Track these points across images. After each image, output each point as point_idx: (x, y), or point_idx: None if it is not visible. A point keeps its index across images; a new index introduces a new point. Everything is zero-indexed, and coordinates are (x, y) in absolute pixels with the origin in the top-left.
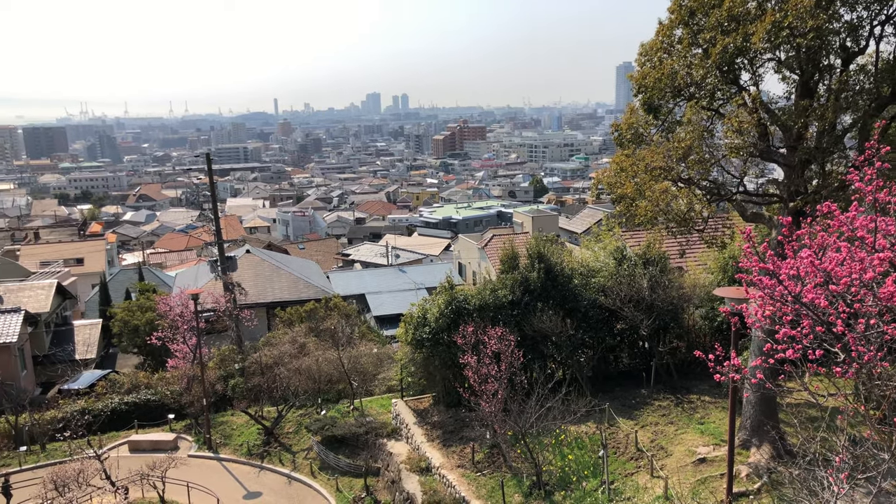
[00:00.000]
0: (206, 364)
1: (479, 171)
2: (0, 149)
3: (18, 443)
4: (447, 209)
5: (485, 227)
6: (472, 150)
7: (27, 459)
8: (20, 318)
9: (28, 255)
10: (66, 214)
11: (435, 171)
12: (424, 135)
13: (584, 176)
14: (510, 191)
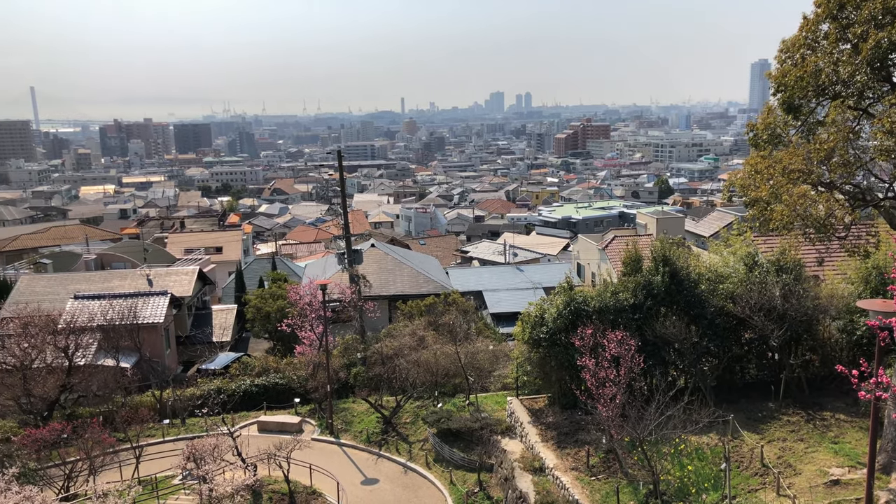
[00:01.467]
0: (330, 352)
1: (602, 170)
2: (154, 144)
3: (162, 416)
4: (567, 208)
5: (605, 228)
6: (595, 149)
7: (169, 432)
8: (166, 300)
9: (174, 243)
10: (207, 206)
11: (556, 170)
12: (546, 133)
13: (713, 177)
14: (633, 191)
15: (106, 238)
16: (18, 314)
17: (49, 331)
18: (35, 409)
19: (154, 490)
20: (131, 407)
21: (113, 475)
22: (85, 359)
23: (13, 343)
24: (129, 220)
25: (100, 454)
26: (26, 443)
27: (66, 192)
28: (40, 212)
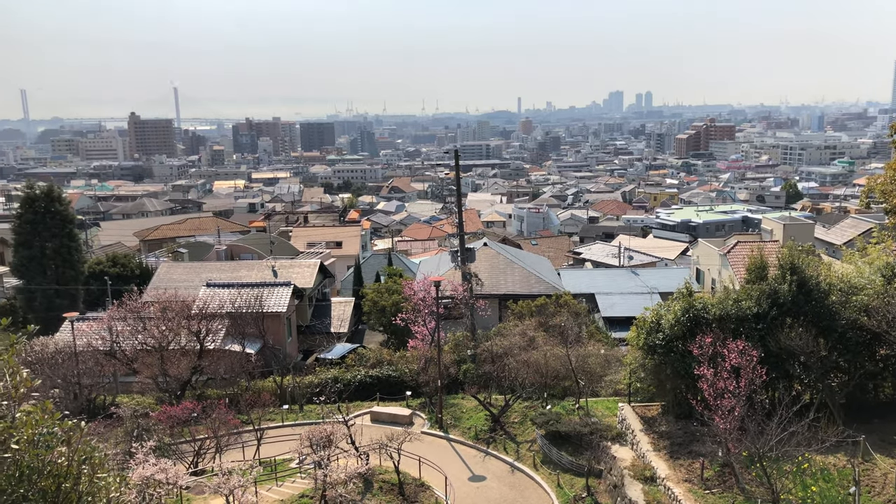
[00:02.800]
0: (442, 347)
1: (725, 172)
2: (281, 142)
3: (282, 401)
4: (686, 211)
5: (727, 233)
6: (718, 151)
7: (288, 417)
8: (290, 291)
9: (298, 236)
10: (329, 202)
11: (675, 171)
12: (667, 133)
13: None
14: (758, 195)
15: (236, 230)
16: (158, 299)
17: (184, 315)
18: (170, 388)
19: (273, 471)
20: (254, 391)
21: (236, 455)
22: (214, 343)
23: (153, 325)
24: (256, 214)
25: (225, 434)
26: (162, 419)
27: (201, 186)
28: (179, 204)
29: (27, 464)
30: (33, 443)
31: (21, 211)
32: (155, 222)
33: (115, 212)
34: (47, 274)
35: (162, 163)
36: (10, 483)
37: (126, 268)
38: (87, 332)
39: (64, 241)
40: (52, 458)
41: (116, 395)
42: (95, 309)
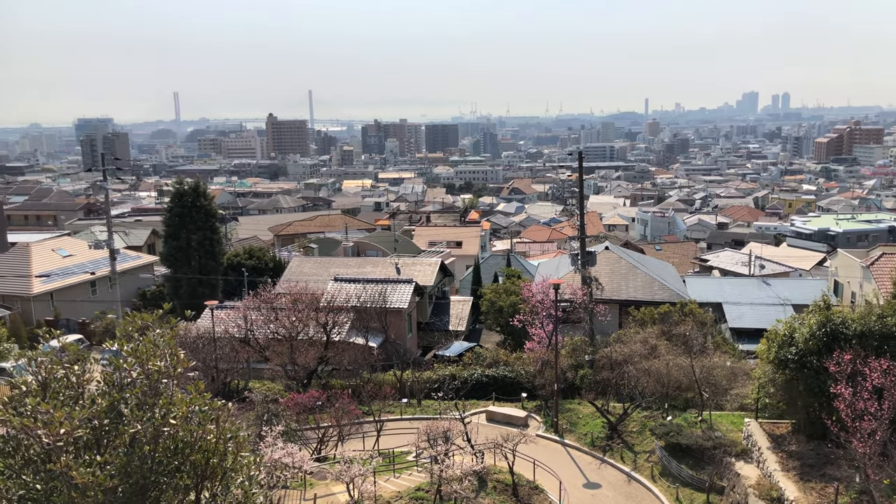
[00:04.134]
0: (559, 351)
1: (870, 179)
2: (407, 143)
3: (401, 395)
4: (824, 220)
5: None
6: (863, 156)
7: (406, 411)
8: (411, 288)
9: (420, 235)
10: (451, 202)
11: (813, 176)
12: (805, 137)
13: None
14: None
15: (362, 228)
16: (289, 291)
17: (313, 308)
18: (297, 376)
19: (391, 463)
20: (376, 383)
21: (357, 444)
22: (340, 335)
23: (284, 316)
24: (382, 213)
25: (347, 423)
26: (290, 405)
27: (331, 184)
28: (310, 201)
29: (181, 438)
30: (187, 419)
31: (171, 205)
32: (288, 218)
33: (252, 207)
34: (192, 264)
35: (296, 162)
36: (167, 455)
37: (261, 260)
38: (225, 320)
39: (207, 234)
40: (203, 435)
41: (249, 380)
42: (232, 298)
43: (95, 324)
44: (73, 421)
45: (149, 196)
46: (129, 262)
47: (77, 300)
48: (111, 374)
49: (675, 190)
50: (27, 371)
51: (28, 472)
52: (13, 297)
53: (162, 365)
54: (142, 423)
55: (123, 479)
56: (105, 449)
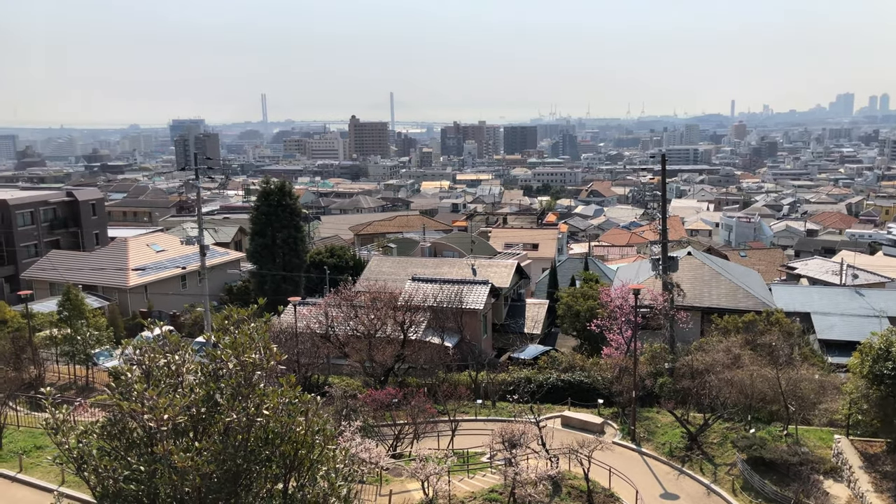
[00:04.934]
0: (638, 358)
1: None
2: (485, 145)
3: (476, 395)
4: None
5: None
6: None
7: (480, 412)
8: (487, 289)
9: (496, 237)
10: (528, 204)
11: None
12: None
13: None
14: None
15: (439, 228)
16: (369, 289)
17: (391, 306)
18: (375, 373)
19: (465, 463)
20: (451, 383)
21: (431, 443)
22: (416, 335)
23: (363, 314)
24: (459, 214)
25: (423, 422)
26: (368, 401)
27: (410, 185)
28: (389, 202)
29: (272, 429)
30: (278, 411)
31: (258, 203)
32: (368, 218)
33: (334, 207)
34: (276, 261)
35: (376, 163)
36: (258, 444)
37: (341, 259)
38: (307, 316)
39: (291, 232)
40: (292, 427)
41: (329, 375)
42: (314, 295)
43: (185, 316)
44: (174, 408)
45: (236, 194)
46: (218, 258)
47: (168, 293)
48: (208, 364)
49: (761, 195)
50: (132, 359)
51: (132, 454)
52: (112, 288)
53: (256, 358)
54: (237, 413)
55: (219, 465)
56: (201, 436)
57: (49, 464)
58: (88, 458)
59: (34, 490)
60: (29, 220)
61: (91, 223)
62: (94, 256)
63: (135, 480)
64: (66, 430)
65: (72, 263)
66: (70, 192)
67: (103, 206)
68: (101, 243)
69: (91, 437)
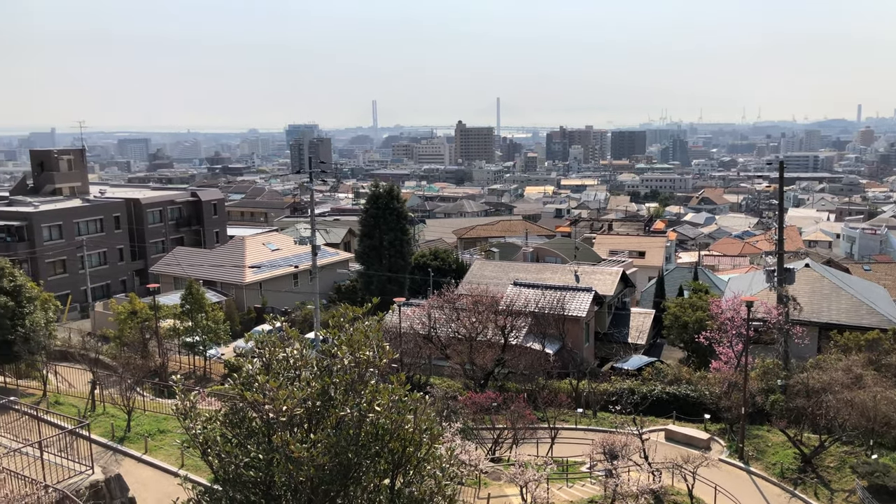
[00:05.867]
0: (748, 373)
1: None
2: (592, 150)
3: (577, 404)
4: None
5: None
6: None
7: (581, 421)
8: (590, 297)
9: (601, 244)
10: (634, 210)
11: None
12: None
13: None
14: None
15: (542, 234)
16: (471, 293)
17: (492, 310)
18: (475, 376)
19: (564, 472)
20: (551, 390)
21: (530, 449)
22: (517, 339)
23: (465, 317)
24: (562, 219)
25: (522, 427)
26: (467, 404)
27: (513, 190)
28: (492, 206)
29: (382, 425)
30: (388, 408)
31: (367, 206)
32: (471, 222)
33: (438, 211)
34: (382, 262)
35: (481, 168)
36: (368, 439)
37: (444, 262)
38: (410, 317)
39: (397, 235)
40: (401, 424)
41: (430, 375)
42: (417, 296)
43: (296, 313)
44: (293, 400)
45: (346, 197)
46: (328, 258)
47: (281, 290)
48: (322, 359)
49: (889, 205)
50: (253, 351)
51: (251, 441)
52: (229, 284)
53: (370, 355)
54: (350, 408)
55: (332, 458)
56: (315, 428)
57: (176, 447)
58: (212, 443)
59: (157, 471)
60: (158, 218)
61: (212, 222)
62: (215, 253)
63: (253, 467)
64: (193, 416)
65: (194, 259)
66: (194, 193)
67: (224, 206)
68: (221, 241)
69: (215, 423)
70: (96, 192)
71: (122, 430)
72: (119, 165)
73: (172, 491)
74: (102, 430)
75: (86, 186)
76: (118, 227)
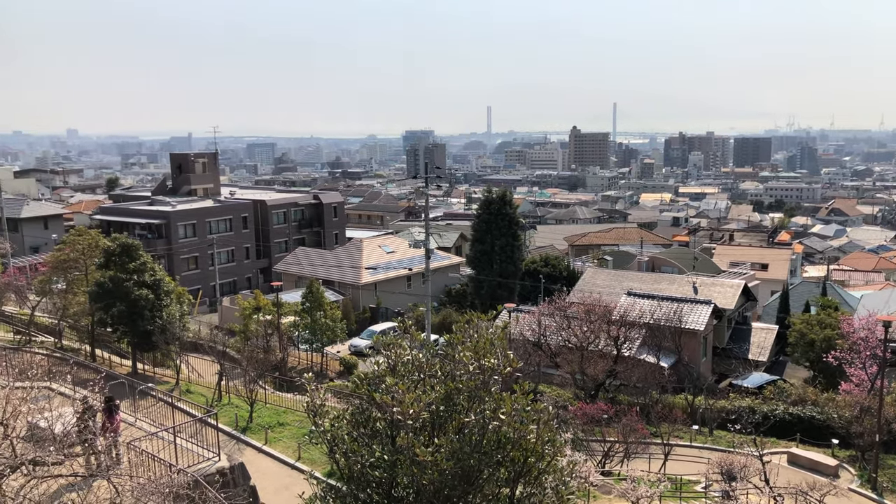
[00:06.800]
0: (884, 398)
1: None
2: (713, 156)
3: (692, 421)
4: None
5: None
6: None
7: (696, 438)
8: (709, 309)
9: (721, 254)
10: (757, 220)
11: None
12: None
13: None
14: None
15: (657, 242)
16: (583, 301)
17: (605, 320)
18: (586, 387)
19: (678, 490)
20: (665, 405)
21: (642, 464)
22: (630, 351)
23: (577, 325)
24: (679, 228)
25: (634, 441)
26: (578, 414)
27: (628, 197)
28: (606, 213)
29: (504, 433)
30: (511, 417)
31: (479, 211)
32: (583, 229)
33: (550, 217)
34: (493, 267)
35: (595, 174)
36: (491, 447)
37: (555, 269)
38: (520, 323)
39: (509, 240)
40: (523, 434)
41: (539, 383)
42: (526, 302)
43: (408, 314)
44: (420, 404)
45: (458, 202)
46: (440, 262)
47: (395, 292)
48: (446, 364)
49: None
50: (381, 352)
51: (375, 442)
52: (346, 284)
53: (494, 362)
54: (475, 414)
55: (456, 463)
56: (437, 432)
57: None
58: (340, 441)
59: (275, 462)
60: (282, 220)
61: (332, 224)
62: (333, 254)
63: (378, 467)
64: (322, 413)
65: (314, 259)
66: (316, 196)
67: (343, 209)
68: (340, 243)
69: (342, 422)
70: (226, 194)
71: (244, 421)
72: (247, 168)
73: (290, 482)
74: (227, 420)
75: (217, 188)
76: (246, 226)
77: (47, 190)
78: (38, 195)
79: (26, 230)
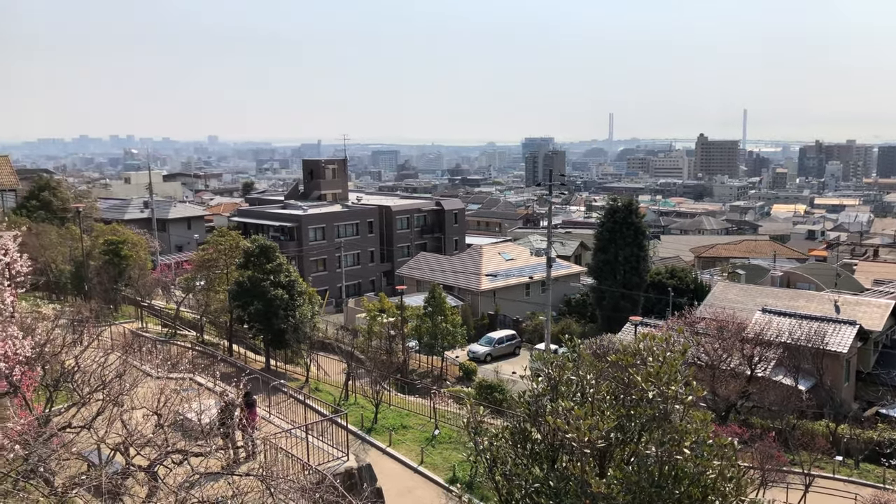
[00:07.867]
0: None
1: None
2: (853, 166)
3: (836, 451)
4: None
5: None
6: None
7: (840, 470)
8: (854, 330)
9: (863, 271)
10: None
11: None
12: None
13: None
14: None
15: (791, 256)
16: (715, 316)
17: (738, 338)
18: (716, 408)
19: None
20: (804, 431)
21: (778, 494)
22: (764, 371)
23: (707, 342)
24: (816, 242)
25: (771, 469)
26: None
27: (759, 208)
28: (734, 224)
29: (682, 467)
30: (692, 450)
31: (603, 220)
32: (710, 240)
33: (674, 227)
34: (616, 278)
35: (723, 183)
36: (668, 481)
37: (682, 281)
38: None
39: (634, 251)
40: (704, 469)
41: None
42: (651, 315)
43: (526, 322)
44: (598, 432)
45: (578, 210)
46: (560, 270)
47: (514, 300)
48: (620, 389)
49: None
50: (539, 370)
51: (535, 464)
52: (466, 290)
53: (675, 390)
54: (655, 446)
55: (631, 497)
56: (607, 462)
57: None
58: (501, 462)
59: (398, 464)
60: (405, 225)
61: (453, 230)
62: (454, 260)
63: (544, 493)
64: (482, 431)
65: (435, 265)
66: (438, 202)
67: (464, 215)
68: (460, 249)
69: (501, 441)
70: (353, 199)
71: (369, 421)
72: (371, 175)
73: (413, 485)
74: (353, 419)
75: (345, 193)
76: (371, 231)
77: (191, 193)
78: (182, 197)
79: (172, 230)
